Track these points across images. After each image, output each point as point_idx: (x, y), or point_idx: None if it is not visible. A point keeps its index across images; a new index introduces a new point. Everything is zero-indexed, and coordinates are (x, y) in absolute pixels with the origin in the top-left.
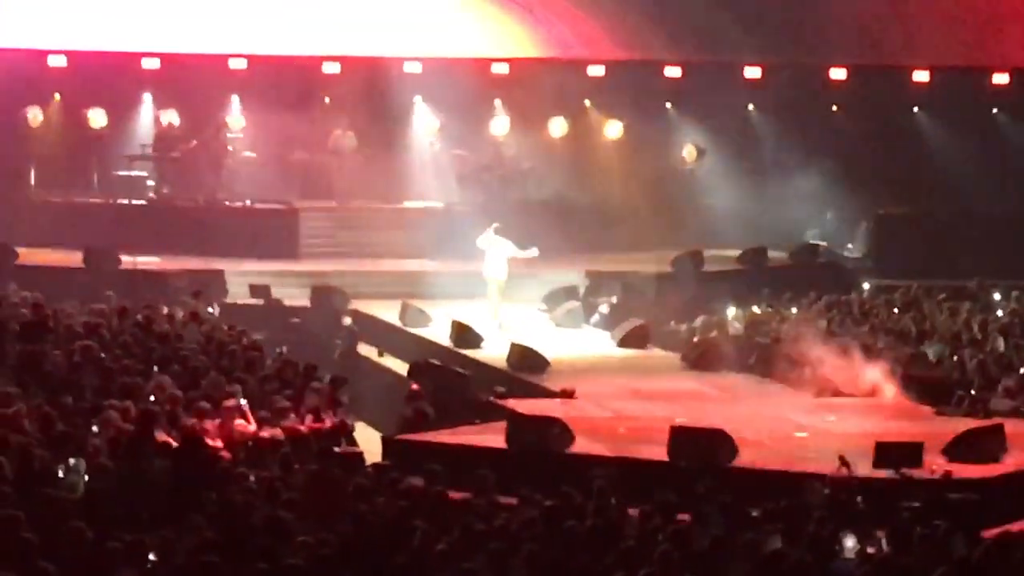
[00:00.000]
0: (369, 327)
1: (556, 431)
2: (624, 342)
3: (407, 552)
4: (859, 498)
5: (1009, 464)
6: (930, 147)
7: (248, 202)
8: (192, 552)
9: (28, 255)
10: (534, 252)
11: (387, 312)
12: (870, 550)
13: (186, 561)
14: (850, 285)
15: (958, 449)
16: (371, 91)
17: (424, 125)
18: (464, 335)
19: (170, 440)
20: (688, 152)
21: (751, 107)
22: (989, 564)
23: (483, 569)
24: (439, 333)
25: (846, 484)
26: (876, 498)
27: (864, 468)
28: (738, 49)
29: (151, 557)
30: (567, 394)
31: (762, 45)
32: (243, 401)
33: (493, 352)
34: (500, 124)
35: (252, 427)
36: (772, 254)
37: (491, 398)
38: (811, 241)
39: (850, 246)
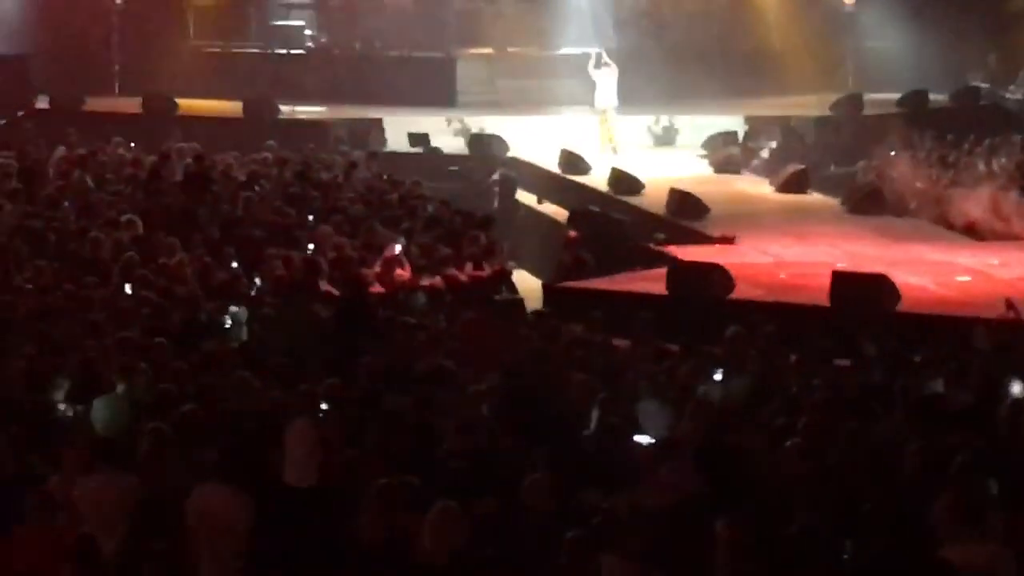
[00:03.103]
0: (527, 174)
1: (716, 277)
2: (784, 187)
3: (569, 400)
4: None
5: None
6: None
7: (406, 51)
8: (360, 400)
9: (188, 106)
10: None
11: (546, 159)
12: None
13: (355, 408)
14: (1013, 127)
15: None
16: None
17: None
18: (623, 181)
19: (332, 289)
20: None
21: None
22: None
23: (647, 416)
24: (598, 179)
25: (1012, 328)
26: None
27: None
28: None
29: (323, 407)
30: (727, 240)
31: None
32: (399, 249)
33: (653, 198)
34: None
35: (410, 275)
36: (933, 97)
37: (651, 244)
38: (973, 84)
39: (1012, 88)
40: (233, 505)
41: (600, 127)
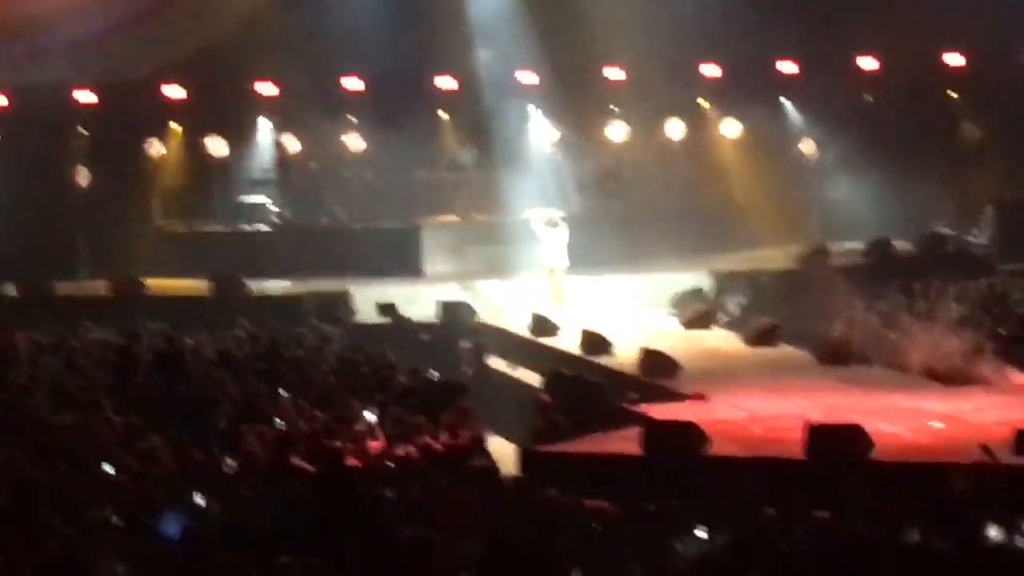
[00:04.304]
0: (498, 339)
1: (691, 434)
2: (754, 341)
3: (551, 565)
4: (1003, 486)
5: None
6: None
7: (371, 223)
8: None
9: (157, 286)
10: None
11: (515, 324)
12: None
13: None
14: (980, 272)
15: None
16: (487, 105)
17: (542, 136)
18: (594, 343)
19: (305, 465)
20: (806, 146)
21: (869, 98)
22: None
23: None
24: (568, 342)
25: (990, 473)
26: (1020, 487)
27: (1003, 457)
28: (852, 39)
29: None
30: (700, 396)
31: (878, 34)
32: (373, 420)
33: (623, 358)
34: (618, 129)
35: (384, 446)
36: (898, 244)
37: (624, 404)
38: (936, 230)
39: (976, 231)
40: None
41: (550, 282)
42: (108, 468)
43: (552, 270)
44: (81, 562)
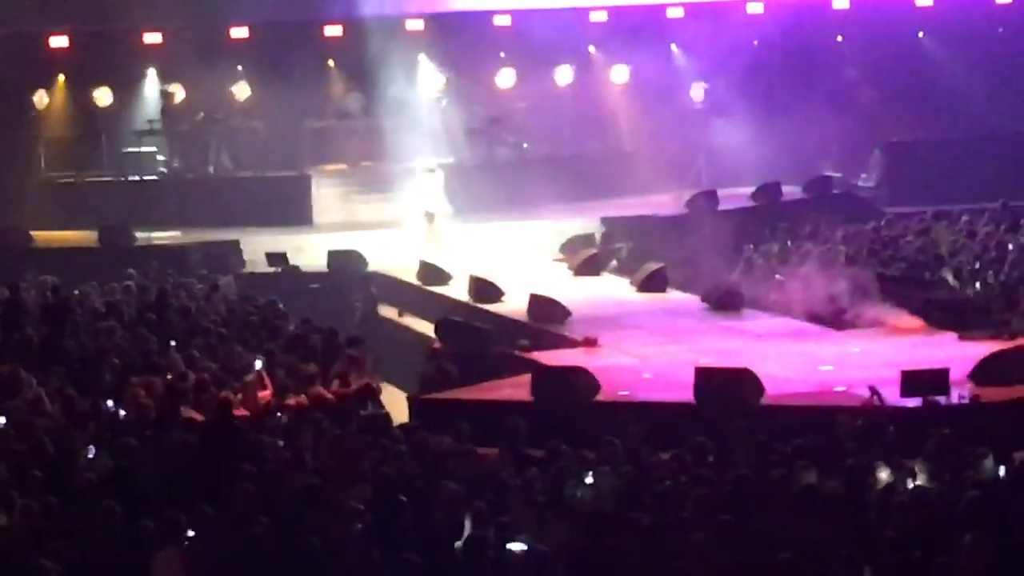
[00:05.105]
0: (388, 288)
1: (581, 380)
2: (643, 286)
3: (441, 512)
4: (890, 428)
5: None
6: (937, 71)
7: (259, 171)
8: (227, 526)
9: (43, 238)
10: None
11: (405, 272)
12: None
13: (222, 535)
14: (867, 216)
15: (985, 373)
16: (374, 52)
17: (429, 83)
18: (483, 290)
19: (195, 415)
20: (694, 92)
21: (756, 43)
22: (1021, 485)
23: (519, 523)
24: (458, 290)
25: (877, 415)
26: (906, 427)
27: (891, 398)
28: None
29: (189, 534)
30: (590, 343)
31: None
32: (260, 368)
33: (513, 305)
34: (506, 76)
35: (272, 395)
36: (786, 188)
37: (515, 351)
38: (825, 173)
39: (864, 176)
40: None
41: (428, 230)
42: None
43: (431, 216)
44: None
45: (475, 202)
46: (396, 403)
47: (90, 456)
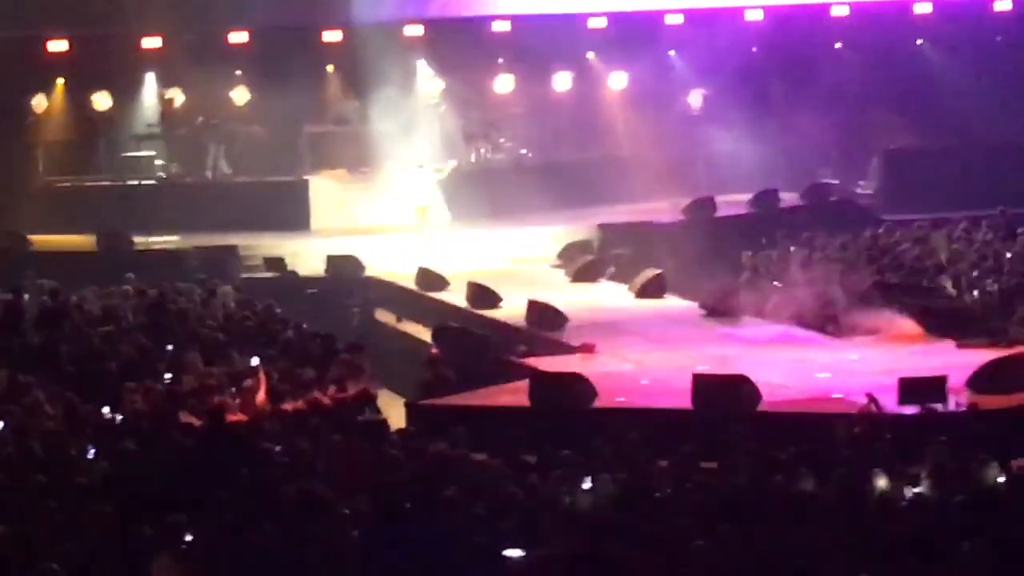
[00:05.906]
0: (386, 293)
1: (578, 387)
2: (641, 293)
3: (437, 518)
4: (887, 436)
5: None
6: (936, 79)
7: (258, 176)
8: (226, 531)
9: (42, 242)
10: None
11: (403, 277)
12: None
13: (221, 540)
14: (865, 222)
15: (982, 380)
16: (373, 57)
17: (428, 89)
18: (481, 296)
19: (193, 420)
20: (692, 99)
21: (754, 50)
22: (1019, 493)
23: (516, 530)
24: (456, 296)
25: (874, 422)
26: (903, 435)
27: (889, 405)
28: None
29: (187, 538)
30: (588, 349)
31: None
32: (261, 375)
33: (511, 311)
34: (504, 82)
35: (271, 401)
36: (784, 195)
37: (512, 357)
38: (823, 180)
39: (862, 183)
40: None
41: (418, 220)
42: None
43: (422, 209)
44: None
45: (473, 208)
46: (394, 409)
47: (88, 458)
